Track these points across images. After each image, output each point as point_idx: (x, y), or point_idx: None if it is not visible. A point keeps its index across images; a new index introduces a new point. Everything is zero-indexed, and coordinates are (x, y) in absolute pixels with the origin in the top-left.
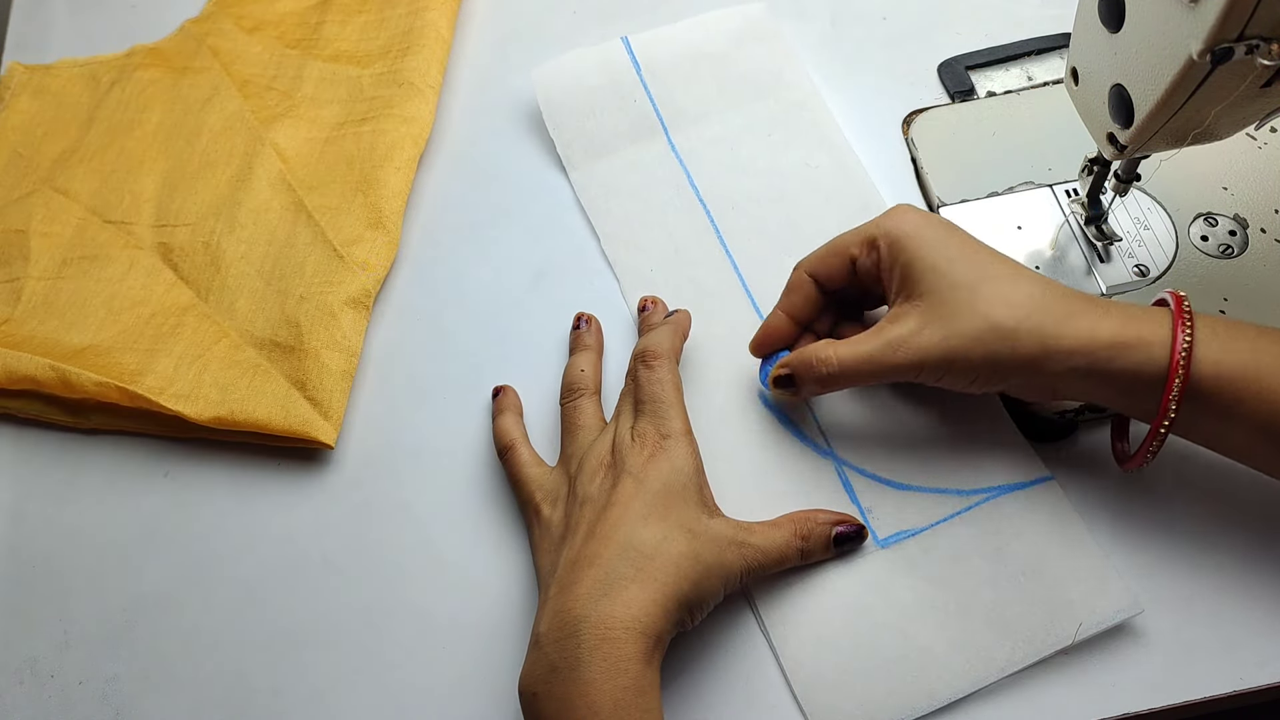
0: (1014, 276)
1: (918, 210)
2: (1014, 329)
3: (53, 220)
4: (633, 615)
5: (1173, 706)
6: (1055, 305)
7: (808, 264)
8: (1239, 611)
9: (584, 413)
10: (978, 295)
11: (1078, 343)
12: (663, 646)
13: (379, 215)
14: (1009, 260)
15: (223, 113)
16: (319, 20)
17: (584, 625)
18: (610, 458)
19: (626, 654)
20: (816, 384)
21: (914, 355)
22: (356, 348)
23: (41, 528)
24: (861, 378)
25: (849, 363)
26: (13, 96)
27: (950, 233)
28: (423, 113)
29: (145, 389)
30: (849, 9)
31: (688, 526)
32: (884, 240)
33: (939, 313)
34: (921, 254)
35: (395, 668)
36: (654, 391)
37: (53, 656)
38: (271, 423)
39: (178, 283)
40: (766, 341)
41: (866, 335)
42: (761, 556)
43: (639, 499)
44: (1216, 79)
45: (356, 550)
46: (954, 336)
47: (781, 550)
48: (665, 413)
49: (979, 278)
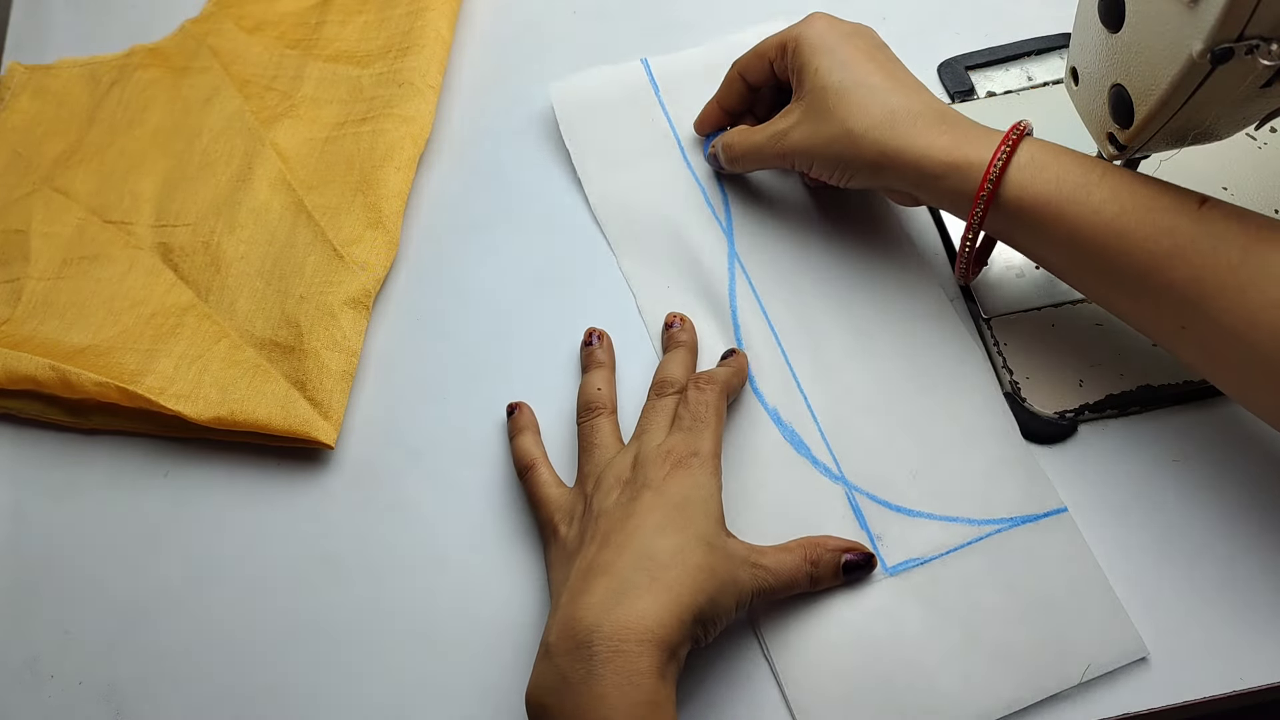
0: (884, 89)
1: (828, 19)
2: (860, 135)
3: (53, 220)
4: (646, 626)
5: (1173, 706)
6: (904, 120)
7: (739, 63)
8: (1239, 612)
9: (601, 431)
10: (842, 101)
11: (911, 157)
12: (678, 661)
13: (379, 215)
14: (897, 75)
15: (223, 113)
16: (319, 20)
17: (596, 636)
18: (630, 474)
19: (640, 668)
20: (729, 161)
21: (786, 147)
22: (356, 348)
23: (41, 528)
24: (756, 161)
25: (745, 148)
26: (12, 96)
27: (847, 40)
28: (422, 112)
29: (145, 389)
30: (849, 9)
31: (705, 540)
32: (790, 44)
33: (810, 113)
34: (811, 58)
35: (395, 668)
36: (698, 411)
37: (53, 656)
38: (272, 423)
39: (178, 283)
40: (701, 124)
41: (761, 126)
42: (772, 579)
43: (657, 510)
44: (1216, 79)
45: (357, 550)
46: (816, 135)
47: (792, 574)
48: (701, 432)
49: (851, 85)
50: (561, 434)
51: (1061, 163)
